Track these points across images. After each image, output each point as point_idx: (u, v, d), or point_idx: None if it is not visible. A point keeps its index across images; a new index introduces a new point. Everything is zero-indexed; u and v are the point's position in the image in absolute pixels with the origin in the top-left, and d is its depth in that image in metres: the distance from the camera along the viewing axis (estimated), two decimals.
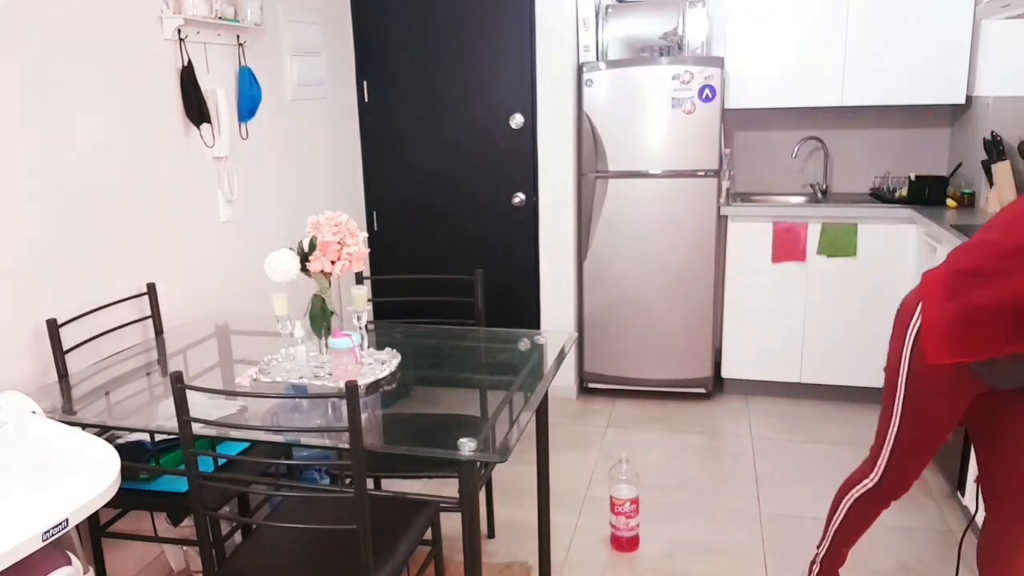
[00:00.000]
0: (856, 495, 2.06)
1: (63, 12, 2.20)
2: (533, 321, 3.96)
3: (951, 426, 1.88)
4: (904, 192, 3.63)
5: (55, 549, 1.48)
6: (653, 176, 3.64)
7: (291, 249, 2.02)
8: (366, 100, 3.93)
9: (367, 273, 4.04)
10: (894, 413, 1.93)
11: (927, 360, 1.79)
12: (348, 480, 2.30)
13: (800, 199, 3.99)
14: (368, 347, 2.21)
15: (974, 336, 1.71)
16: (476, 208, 3.93)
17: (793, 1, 3.58)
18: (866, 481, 2.03)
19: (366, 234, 2.16)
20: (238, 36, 2.94)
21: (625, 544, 2.62)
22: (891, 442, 1.95)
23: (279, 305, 2.09)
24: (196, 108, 2.67)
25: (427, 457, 1.65)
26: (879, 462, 1.99)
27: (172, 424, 1.70)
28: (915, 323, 1.85)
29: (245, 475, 2.13)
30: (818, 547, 2.20)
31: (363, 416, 1.83)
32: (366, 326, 2.24)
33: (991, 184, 3.33)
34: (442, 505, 2.00)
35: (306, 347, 2.16)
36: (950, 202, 3.53)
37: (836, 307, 3.62)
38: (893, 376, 1.92)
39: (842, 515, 2.10)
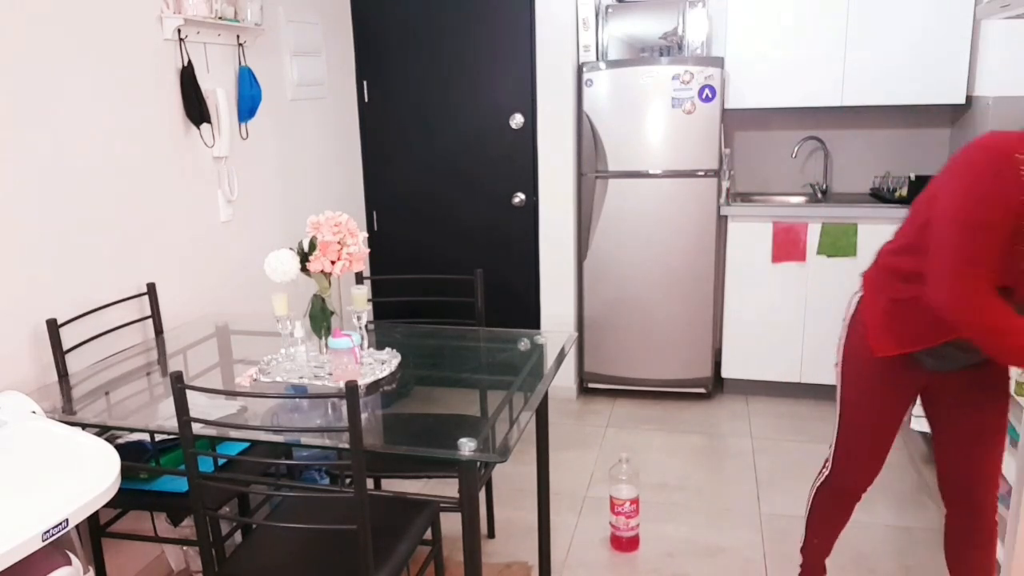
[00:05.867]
0: (816, 485, 2.09)
1: (63, 12, 2.20)
2: (533, 321, 3.96)
3: (895, 417, 1.88)
4: (904, 192, 3.63)
5: (55, 549, 1.48)
6: (653, 176, 3.64)
7: (291, 249, 2.02)
8: (366, 100, 3.93)
9: (367, 273, 4.04)
10: (837, 404, 1.97)
11: (873, 353, 1.82)
12: (348, 480, 2.30)
13: (800, 199, 3.99)
14: (368, 347, 2.21)
15: (911, 328, 1.75)
16: (476, 208, 3.93)
17: (793, 1, 3.58)
18: (823, 471, 2.06)
19: (366, 234, 2.16)
20: (238, 36, 2.94)
21: (625, 544, 2.62)
22: (836, 432, 1.99)
23: (279, 305, 2.09)
24: (196, 108, 2.67)
25: (427, 457, 1.65)
26: (829, 453, 2.03)
27: (172, 424, 1.70)
28: (847, 316, 1.92)
29: (245, 475, 2.14)
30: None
31: (363, 416, 1.83)
32: (366, 326, 2.24)
33: None
34: (442, 505, 2.00)
35: (306, 347, 2.16)
36: None
37: (836, 307, 3.62)
38: (837, 369, 1.98)
39: (808, 505, 2.13)
